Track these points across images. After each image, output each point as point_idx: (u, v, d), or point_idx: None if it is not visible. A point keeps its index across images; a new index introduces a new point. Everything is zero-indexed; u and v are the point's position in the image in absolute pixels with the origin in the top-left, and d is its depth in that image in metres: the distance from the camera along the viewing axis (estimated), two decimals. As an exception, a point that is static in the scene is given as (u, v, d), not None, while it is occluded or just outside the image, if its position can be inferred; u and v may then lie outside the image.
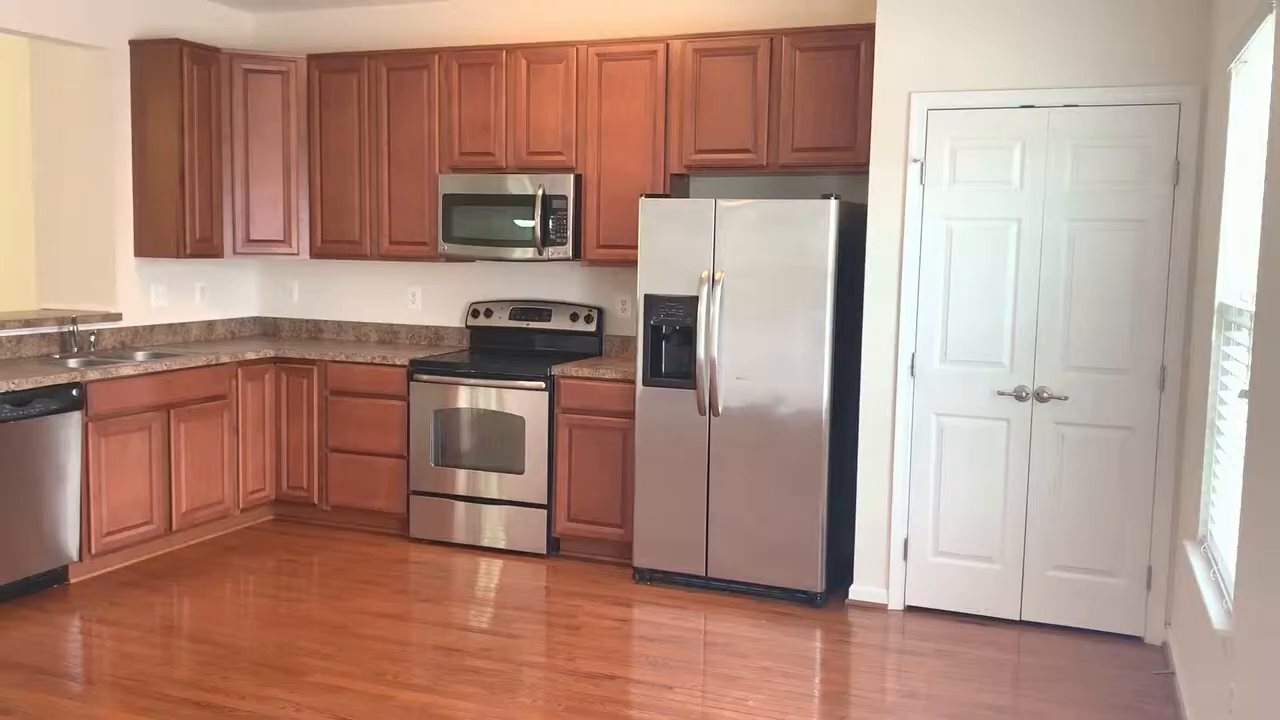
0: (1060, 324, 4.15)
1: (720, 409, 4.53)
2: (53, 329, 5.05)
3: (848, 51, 4.63)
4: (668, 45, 4.92)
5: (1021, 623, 4.31)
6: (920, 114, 4.27)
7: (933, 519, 4.39)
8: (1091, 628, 4.21)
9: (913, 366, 4.36)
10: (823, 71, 4.67)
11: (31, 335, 4.95)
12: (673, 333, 4.64)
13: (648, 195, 4.62)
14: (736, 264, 4.46)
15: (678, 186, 5.08)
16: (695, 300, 4.52)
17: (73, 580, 4.59)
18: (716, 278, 4.48)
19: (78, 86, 5.32)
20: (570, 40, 5.14)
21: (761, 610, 4.42)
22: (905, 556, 4.44)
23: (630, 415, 4.80)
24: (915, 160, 4.29)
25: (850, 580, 4.58)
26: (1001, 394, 4.25)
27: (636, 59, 4.98)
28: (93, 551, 4.60)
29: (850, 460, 4.61)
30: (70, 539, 4.48)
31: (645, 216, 4.60)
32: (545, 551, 5.05)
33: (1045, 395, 4.18)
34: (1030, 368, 4.21)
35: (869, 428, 4.46)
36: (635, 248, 4.91)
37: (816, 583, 4.45)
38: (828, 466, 4.42)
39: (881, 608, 4.47)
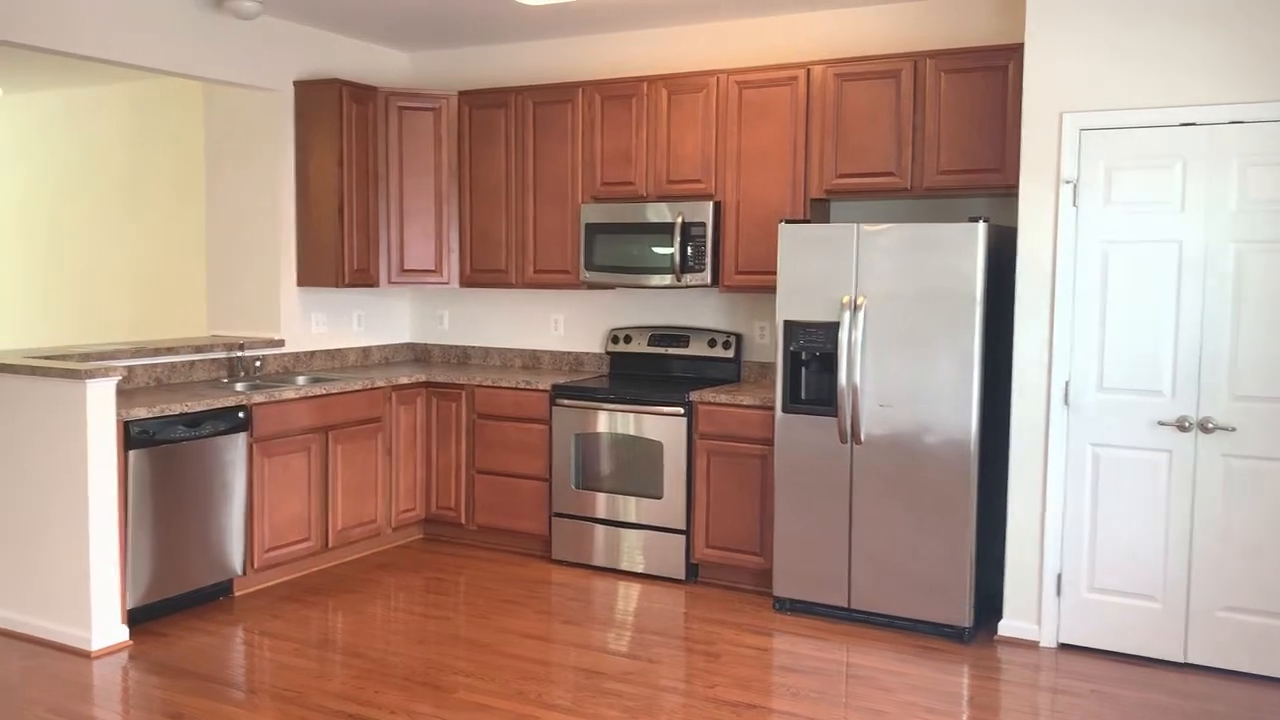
0: (1226, 351, 3.94)
1: (862, 437, 4.46)
2: (221, 354, 5.36)
3: (995, 72, 4.53)
4: (808, 71, 4.91)
5: (1187, 666, 4.07)
6: (1073, 134, 4.13)
7: (1088, 553, 4.21)
8: (1272, 674, 3.95)
9: (1066, 395, 4.21)
10: (969, 93, 4.58)
11: (202, 360, 5.27)
12: (812, 359, 4.60)
13: (787, 221, 4.60)
14: (879, 289, 4.39)
15: (818, 211, 5.04)
16: (836, 326, 4.47)
17: (237, 593, 4.84)
18: (858, 303, 4.42)
19: (246, 126, 5.66)
20: (710, 69, 5.19)
21: (906, 644, 4.31)
22: (1058, 592, 4.26)
23: (769, 442, 4.77)
24: (1068, 182, 4.15)
25: (999, 615, 4.42)
26: (1162, 424, 4.05)
27: (776, 85, 4.98)
28: (255, 566, 4.84)
29: (999, 491, 4.46)
30: (235, 554, 4.74)
31: (785, 242, 4.59)
32: (684, 577, 5.05)
33: (1210, 426, 3.96)
34: (1194, 397, 4.00)
35: (1019, 458, 4.31)
36: (774, 273, 4.89)
37: (964, 617, 4.32)
38: (976, 497, 4.29)
39: (1033, 645, 4.30)
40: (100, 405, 4.10)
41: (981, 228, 4.20)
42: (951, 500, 4.30)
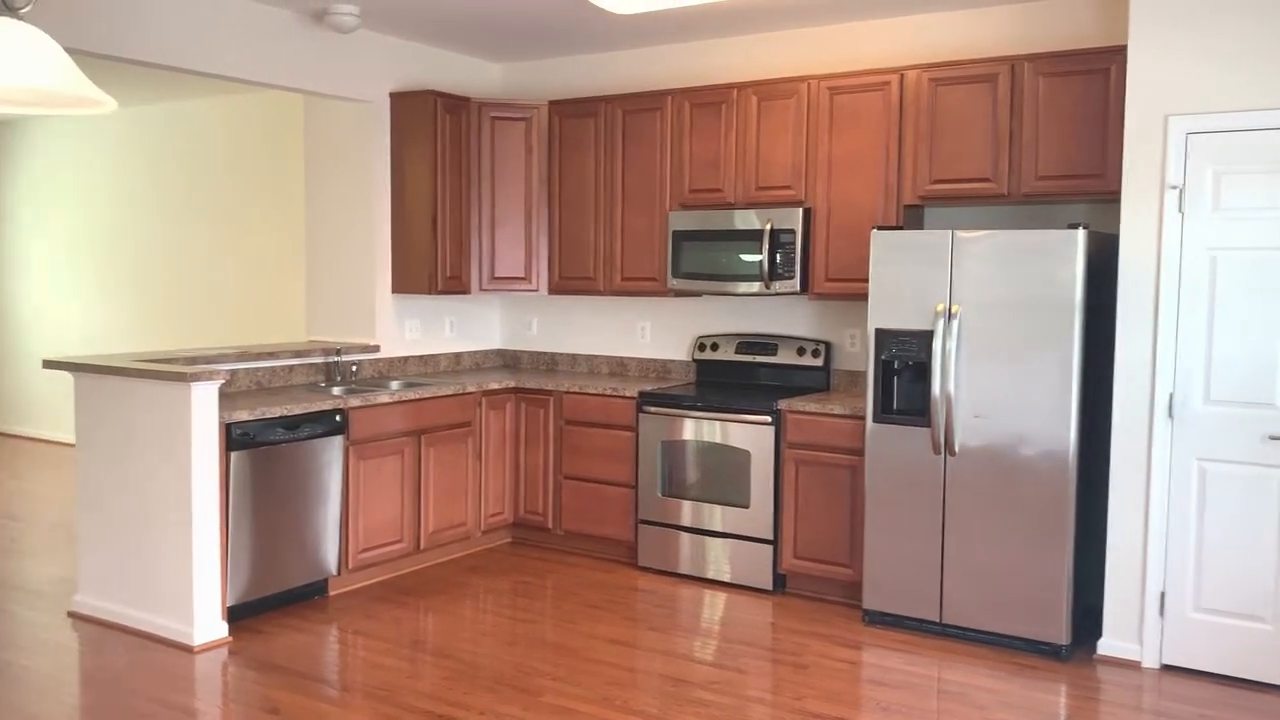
0: (1346, 362, 3.76)
1: (956, 448, 4.37)
2: (319, 359, 5.50)
3: (1096, 75, 4.41)
4: (901, 76, 4.85)
5: (1300, 692, 3.90)
6: (1178, 138, 4.00)
7: (1193, 572, 4.06)
8: (1387, 703, 3.76)
9: (1171, 408, 4.07)
10: (1069, 96, 4.47)
11: (301, 365, 5.41)
12: (905, 368, 4.53)
13: (879, 227, 4.54)
14: (975, 297, 4.31)
15: (911, 218, 4.97)
16: (930, 335, 4.40)
17: (331, 593, 4.95)
18: (953, 311, 4.34)
19: (344, 136, 5.81)
20: (800, 75, 5.15)
21: (1000, 661, 4.21)
22: (1161, 611, 4.12)
23: (859, 452, 4.71)
24: (1173, 187, 4.02)
25: (1098, 634, 4.29)
26: (1275, 439, 3.88)
27: (869, 91, 4.93)
28: (349, 566, 4.95)
29: (1099, 506, 4.33)
30: (330, 554, 4.85)
31: (877, 249, 4.53)
32: (770, 588, 5.01)
33: (1328, 441, 3.79)
34: (1309, 410, 3.83)
35: (1121, 472, 4.18)
36: (865, 281, 4.84)
37: (1061, 635, 4.20)
38: (1075, 512, 4.17)
39: (1134, 665, 4.15)
40: (204, 408, 4.24)
41: (1081, 234, 4.09)
42: (1049, 514, 4.19)
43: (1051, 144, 4.51)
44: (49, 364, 4.62)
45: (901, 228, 4.75)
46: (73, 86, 2.36)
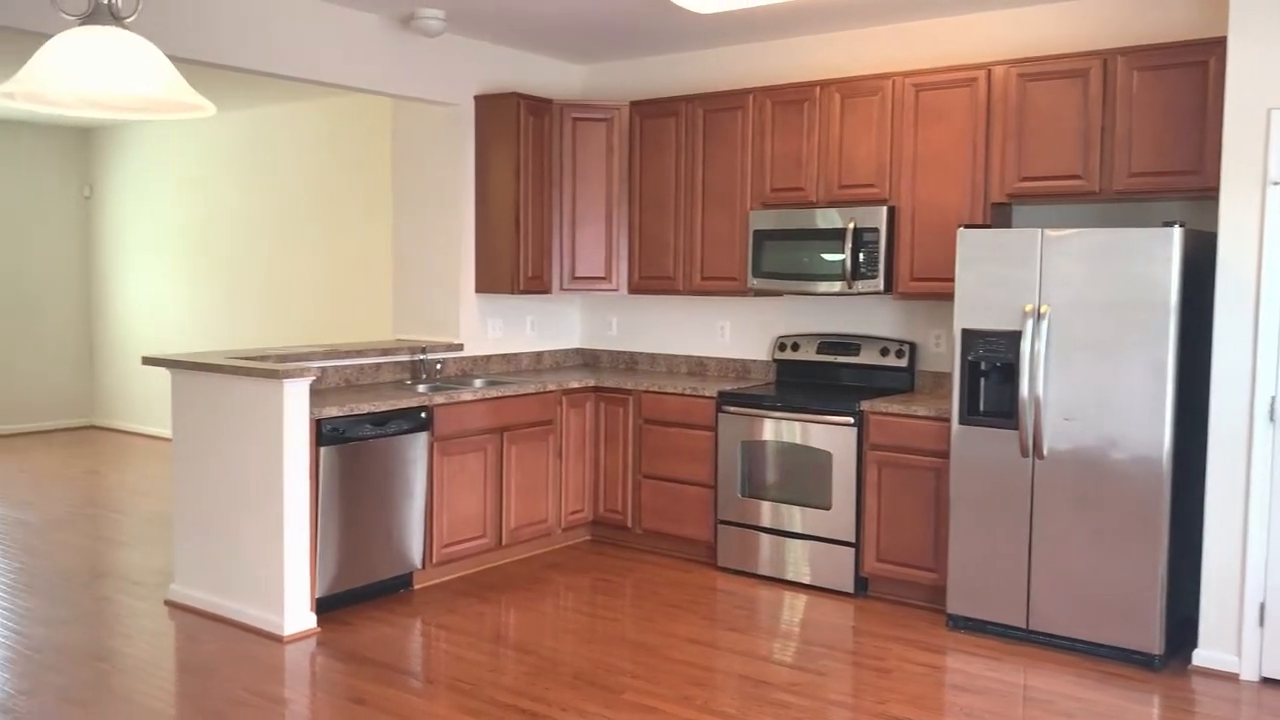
0: None
1: (1045, 451, 4.28)
2: (405, 357, 5.60)
3: (1193, 68, 4.27)
4: (989, 72, 4.76)
5: None
6: (1283, 131, 3.85)
7: (1296, 583, 3.91)
8: None
9: (1272, 411, 3.92)
10: (1163, 90, 4.34)
11: (388, 363, 5.52)
12: (992, 369, 4.45)
13: (966, 226, 4.47)
14: (1064, 297, 4.21)
15: (998, 216, 4.87)
16: (1018, 335, 4.31)
17: (416, 586, 5.04)
18: (1042, 312, 4.25)
19: (430, 139, 5.91)
20: (885, 72, 5.09)
21: (1088, 669, 4.11)
22: (1261, 622, 3.97)
23: (944, 454, 4.63)
24: (1276, 183, 3.87)
25: (1193, 644, 4.16)
26: (1385, 444, 3.72)
27: (955, 87, 4.85)
28: (434, 561, 5.03)
29: (1194, 511, 4.20)
30: (415, 548, 4.94)
31: (963, 248, 4.45)
32: (852, 590, 4.96)
33: None
34: None
35: (1218, 477, 4.04)
36: (951, 280, 4.76)
37: (1154, 644, 4.08)
38: (1169, 517, 4.05)
39: (1231, 677, 4.02)
40: (296, 404, 4.35)
41: (1177, 233, 3.97)
42: (1142, 520, 4.07)
43: (1145, 139, 4.38)
44: (148, 361, 4.79)
45: (988, 226, 4.67)
46: (175, 93, 2.44)
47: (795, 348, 5.65)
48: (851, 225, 5.06)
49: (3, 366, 9.54)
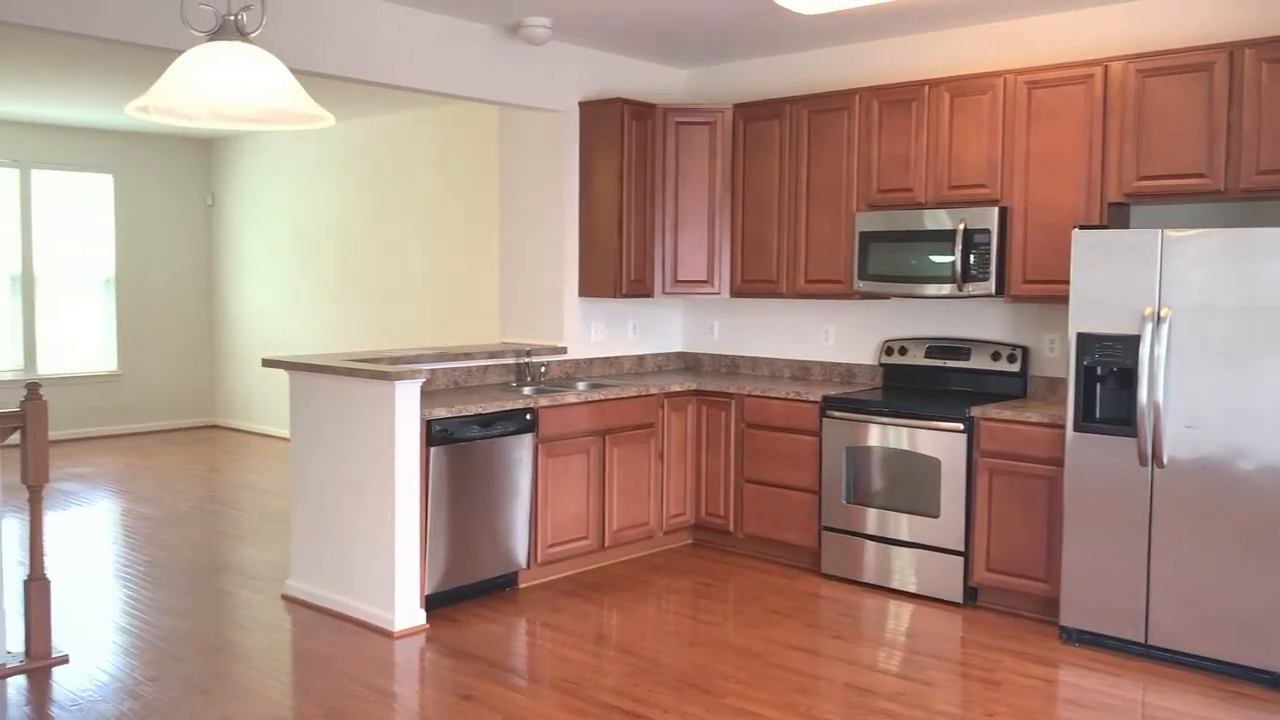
0: None
1: (1165, 460, 4.12)
2: (511, 360, 5.69)
3: (1330, 58, 4.06)
4: (1105, 68, 4.61)
5: None
6: None
7: None
8: None
9: None
10: (1297, 83, 4.14)
11: (495, 365, 5.62)
12: (1108, 375, 4.30)
13: (1081, 227, 4.34)
14: (1186, 300, 4.05)
15: (1115, 216, 4.71)
16: (1136, 340, 4.16)
17: (521, 586, 5.11)
18: (1162, 315, 4.09)
19: (535, 145, 6.00)
20: (996, 70, 4.97)
21: (1212, 688, 3.93)
22: (1404, 644, 3.75)
23: (1058, 462, 4.50)
24: None
25: (1328, 665, 3.95)
26: None
27: (1069, 84, 4.71)
28: (538, 561, 5.10)
29: (1329, 526, 3.99)
30: (520, 548, 5.01)
31: (1079, 249, 4.32)
32: (960, 600, 4.85)
33: None
34: None
35: (1355, 489, 3.83)
36: (1065, 283, 4.62)
37: (1284, 664, 3.89)
38: (1300, 531, 3.86)
39: (1370, 702, 3.81)
40: (407, 405, 4.46)
41: (1312, 232, 3.78)
42: (1272, 534, 3.89)
43: (1275, 136, 4.18)
44: (267, 363, 4.96)
45: (1105, 227, 4.52)
46: (297, 104, 2.54)
47: (903, 352, 5.56)
48: (961, 226, 4.96)
49: (131, 368, 10.02)
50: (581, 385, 5.68)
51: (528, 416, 4.98)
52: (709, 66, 6.42)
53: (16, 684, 3.93)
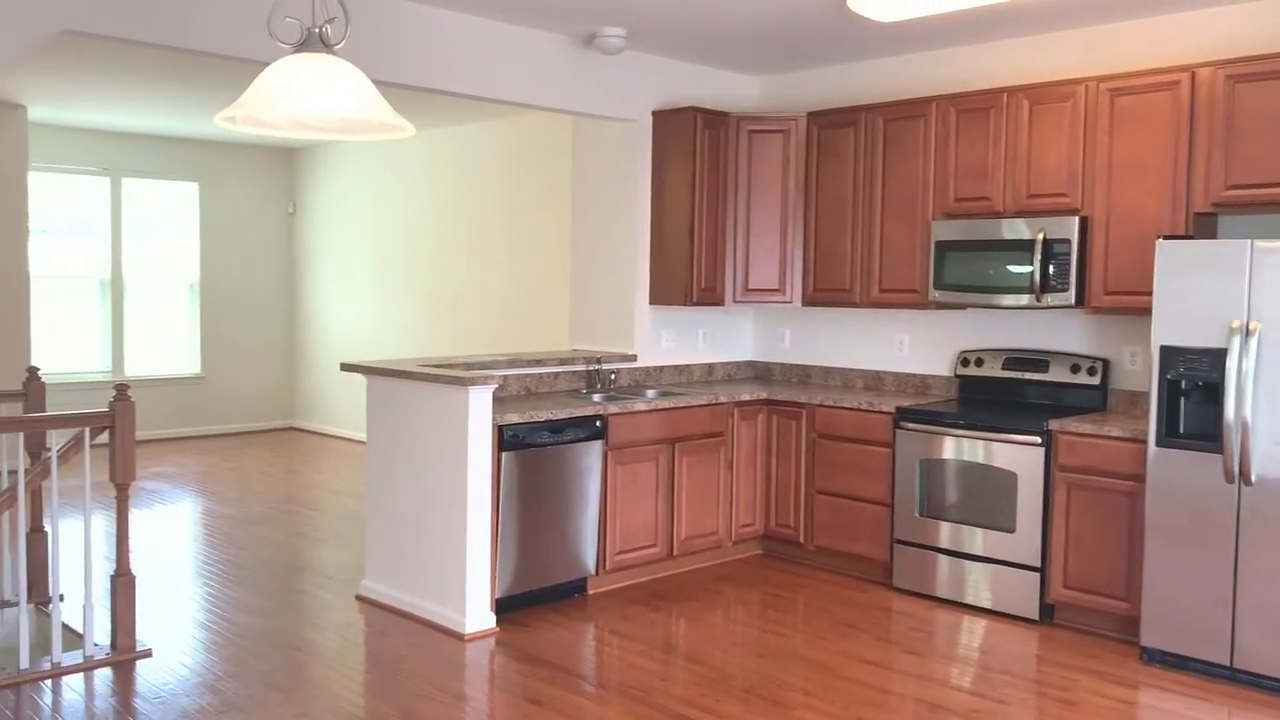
0: None
1: (1253, 478, 3.99)
2: (581, 367, 5.73)
3: None
4: (1192, 74, 4.49)
5: None
6: None
7: None
8: None
9: None
10: (1397, 88, 3.98)
11: (565, 372, 5.66)
12: (1193, 389, 4.18)
13: (1166, 237, 4.23)
14: (1277, 313, 3.92)
15: (1201, 226, 4.58)
16: (1223, 353, 4.04)
17: (590, 592, 5.13)
18: (1251, 328, 3.97)
19: (608, 154, 6.03)
20: (1077, 77, 4.87)
21: (1303, 715, 3.80)
22: None
23: (1140, 478, 4.38)
24: None
25: None
26: None
27: (1154, 91, 4.59)
28: (606, 568, 5.12)
29: None
30: (589, 554, 5.03)
31: (1163, 260, 4.21)
32: (1036, 617, 4.75)
33: None
34: None
35: None
36: (1148, 294, 4.51)
37: (1380, 692, 3.74)
38: (1398, 554, 3.70)
39: None
40: (480, 410, 4.51)
41: None
42: (1367, 556, 3.74)
43: (1375, 142, 4.04)
44: (346, 367, 5.06)
45: (1191, 237, 4.40)
46: (378, 114, 2.59)
47: (979, 363, 5.47)
48: (1041, 236, 4.86)
49: (214, 371, 10.30)
50: (651, 393, 5.69)
51: (598, 423, 5.01)
52: (783, 74, 6.40)
53: (103, 676, 4.06)
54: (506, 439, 4.66)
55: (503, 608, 4.74)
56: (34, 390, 5.05)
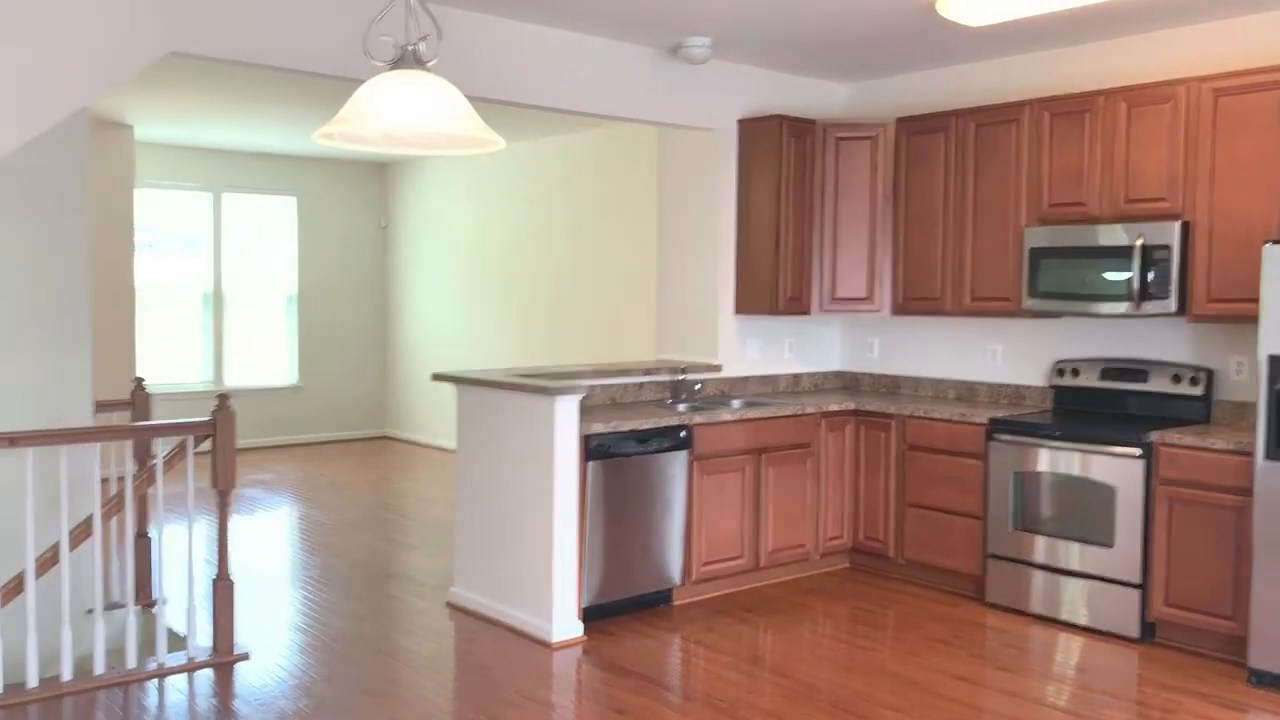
0: None
1: (1371, 492, 3.80)
2: (666, 377, 5.73)
3: None
4: (1303, 71, 4.31)
5: None
6: None
7: None
8: None
9: None
10: None
11: (650, 382, 5.67)
12: (1306, 400, 4.01)
13: (1274, 241, 4.06)
14: (1397, 320, 3.74)
15: (1314, 231, 4.40)
16: (1338, 362, 3.86)
17: (675, 603, 5.13)
18: (1368, 336, 3.79)
19: (693, 164, 6.04)
20: (1178, 78, 4.72)
21: None
22: None
23: (1246, 492, 4.21)
24: None
25: None
26: None
27: (1259, 91, 4.42)
28: (692, 578, 5.10)
29: None
30: (674, 565, 5.03)
31: (1270, 266, 4.05)
32: (1137, 635, 4.60)
33: None
34: None
35: None
36: (1255, 301, 4.33)
37: None
38: None
39: None
40: (566, 419, 4.55)
41: None
42: None
43: None
44: (437, 377, 5.15)
45: (1302, 241, 4.22)
46: (470, 128, 2.64)
47: (1075, 373, 5.32)
48: (1140, 242, 4.72)
49: (311, 381, 10.58)
50: (736, 403, 5.67)
51: (683, 433, 5.00)
52: (870, 81, 6.33)
53: (204, 677, 4.19)
54: (592, 448, 4.68)
55: (589, 617, 4.76)
56: (140, 400, 5.25)
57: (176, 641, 4.52)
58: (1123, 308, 4.81)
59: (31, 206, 4.68)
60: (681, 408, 5.43)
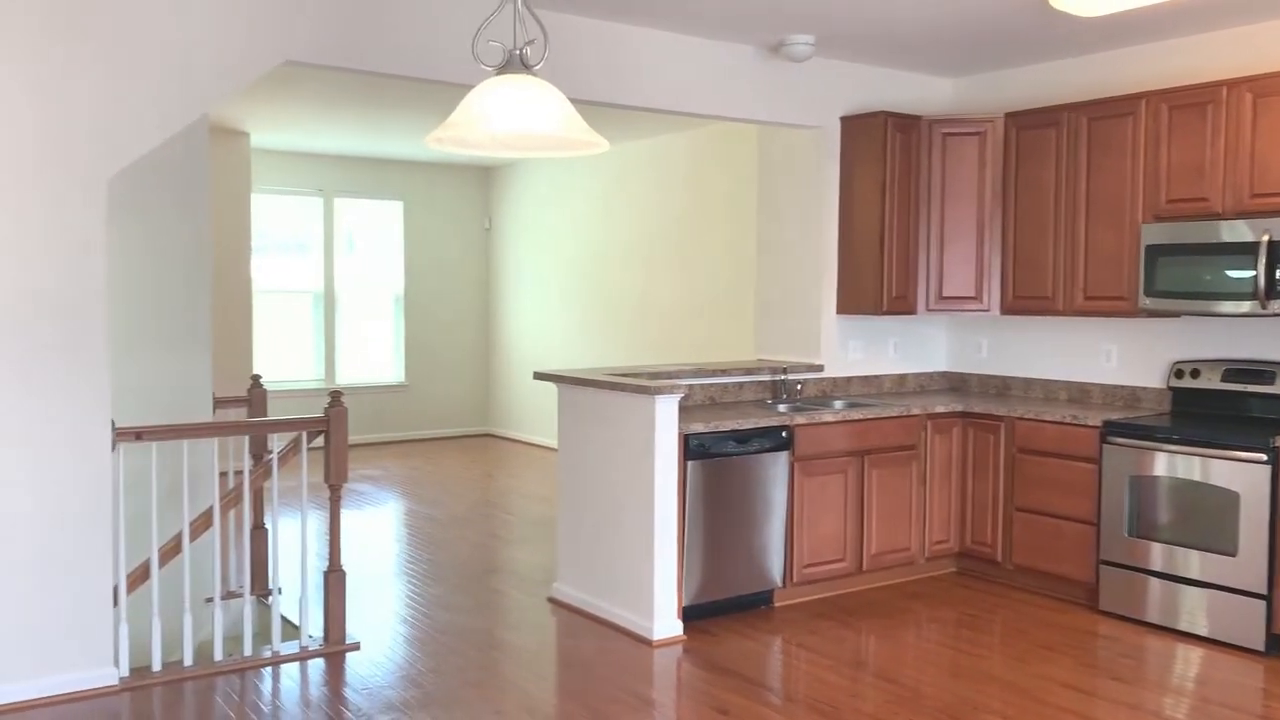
0: None
1: None
2: (766, 377, 5.70)
3: None
4: None
5: None
6: None
7: None
8: None
9: None
10: None
11: (750, 382, 5.65)
12: None
13: None
14: None
15: None
16: None
17: (776, 605, 5.09)
18: None
19: (794, 162, 5.99)
20: (1310, 65, 4.50)
21: None
22: None
23: (1385, 500, 4.00)
24: None
25: None
26: None
27: (1402, 76, 4.19)
28: (793, 580, 5.06)
29: None
30: (776, 566, 5.00)
31: None
32: (1262, 648, 4.40)
33: None
34: None
35: None
36: (1396, 300, 4.11)
37: None
38: None
39: None
40: (666, 419, 4.56)
41: None
42: None
43: None
44: (539, 376, 5.22)
45: None
46: (576, 131, 2.67)
47: (1195, 374, 5.12)
48: (1266, 238, 4.51)
49: (417, 380, 10.83)
50: (839, 404, 5.60)
51: (784, 434, 4.97)
52: (977, 75, 6.19)
53: (316, 665, 4.33)
54: (692, 448, 4.69)
55: (689, 616, 4.76)
56: (256, 397, 5.45)
57: (290, 631, 4.68)
58: (1246, 306, 4.60)
59: (155, 211, 4.90)
60: (782, 408, 5.39)
